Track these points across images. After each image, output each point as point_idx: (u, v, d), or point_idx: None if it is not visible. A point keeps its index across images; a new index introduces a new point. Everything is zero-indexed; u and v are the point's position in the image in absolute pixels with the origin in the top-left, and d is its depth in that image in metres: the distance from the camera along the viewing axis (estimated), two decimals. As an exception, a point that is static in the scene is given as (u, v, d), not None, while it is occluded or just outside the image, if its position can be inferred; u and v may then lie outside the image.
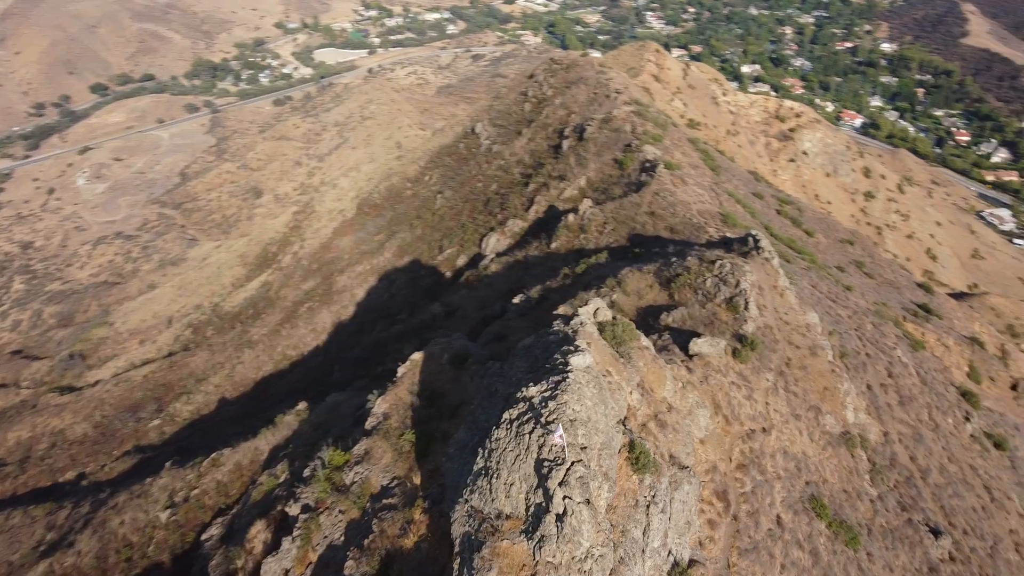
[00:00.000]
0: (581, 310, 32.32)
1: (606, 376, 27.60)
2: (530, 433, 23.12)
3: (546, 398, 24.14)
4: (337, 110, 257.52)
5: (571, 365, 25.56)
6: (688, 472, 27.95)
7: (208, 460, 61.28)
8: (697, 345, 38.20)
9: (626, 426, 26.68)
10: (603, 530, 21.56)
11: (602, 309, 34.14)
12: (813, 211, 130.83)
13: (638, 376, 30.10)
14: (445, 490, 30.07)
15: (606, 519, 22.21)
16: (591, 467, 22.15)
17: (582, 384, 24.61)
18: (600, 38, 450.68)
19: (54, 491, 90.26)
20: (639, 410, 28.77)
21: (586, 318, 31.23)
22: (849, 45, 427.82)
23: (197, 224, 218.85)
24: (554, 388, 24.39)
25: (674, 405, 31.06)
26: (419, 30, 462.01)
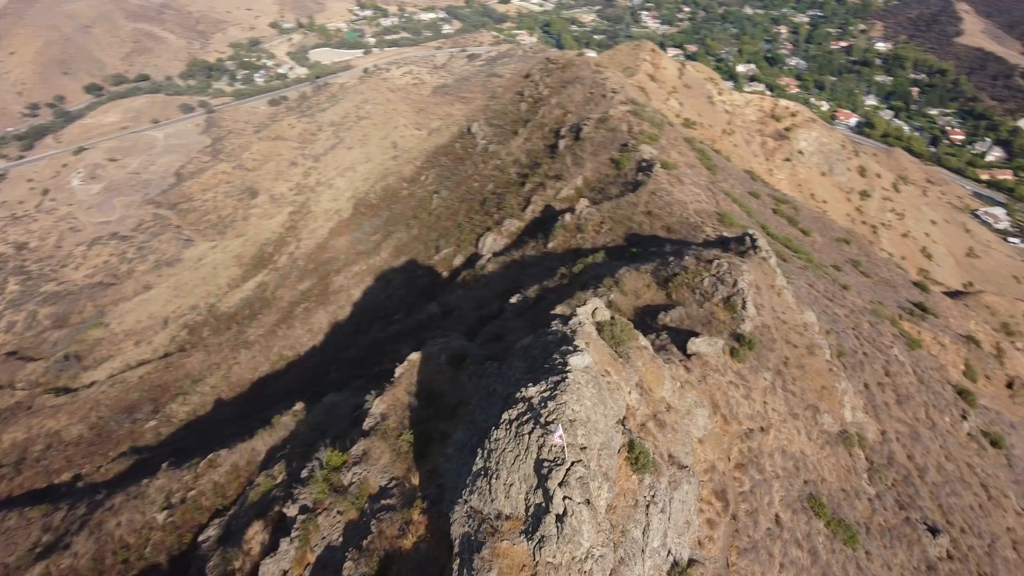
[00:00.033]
0: (579, 310, 32.30)
1: (605, 376, 27.59)
2: (529, 433, 23.08)
3: (545, 398, 24.10)
4: (333, 110, 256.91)
5: (570, 365, 25.53)
6: (687, 472, 27.95)
7: (205, 461, 61.08)
8: (695, 344, 38.23)
9: (625, 426, 26.67)
10: (603, 530, 21.55)
11: (600, 309, 34.13)
12: (809, 210, 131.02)
13: (637, 376, 30.10)
14: (444, 491, 30.04)
15: (606, 519, 22.20)
16: (591, 467, 22.13)
17: (581, 384, 24.58)
18: (595, 38, 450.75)
19: (50, 493, 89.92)
20: (638, 410, 28.76)
21: (584, 318, 31.22)
22: (844, 44, 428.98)
23: (192, 224, 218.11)
24: (553, 388, 24.36)
25: (673, 405, 31.06)
26: (414, 30, 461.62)
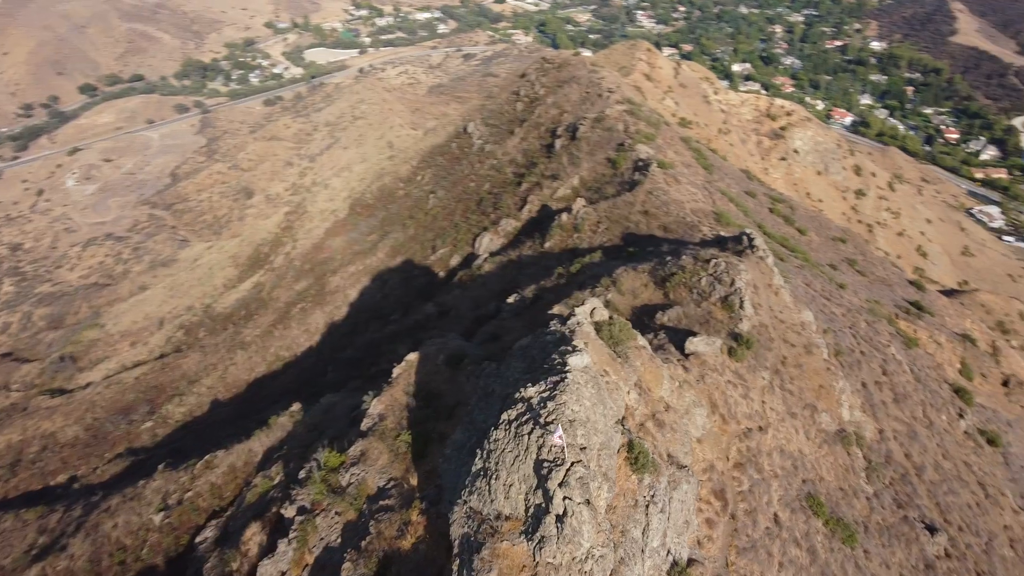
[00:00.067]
0: (578, 310, 32.26)
1: (604, 376, 27.57)
2: (529, 434, 23.03)
3: (545, 398, 24.06)
4: (328, 110, 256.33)
5: (569, 365, 25.50)
6: (686, 471, 27.94)
7: (201, 462, 60.88)
8: (693, 344, 38.23)
9: (624, 426, 26.63)
10: (603, 530, 21.52)
11: (599, 309, 34.12)
12: (805, 209, 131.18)
13: (635, 376, 30.07)
14: (442, 491, 29.98)
15: (606, 519, 22.17)
16: (591, 467, 22.10)
17: (580, 384, 24.55)
18: (591, 37, 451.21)
19: (45, 494, 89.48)
20: (637, 410, 28.73)
21: (583, 318, 31.19)
22: (839, 43, 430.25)
23: (188, 225, 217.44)
24: (552, 388, 24.31)
25: (671, 404, 31.04)
26: (410, 29, 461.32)
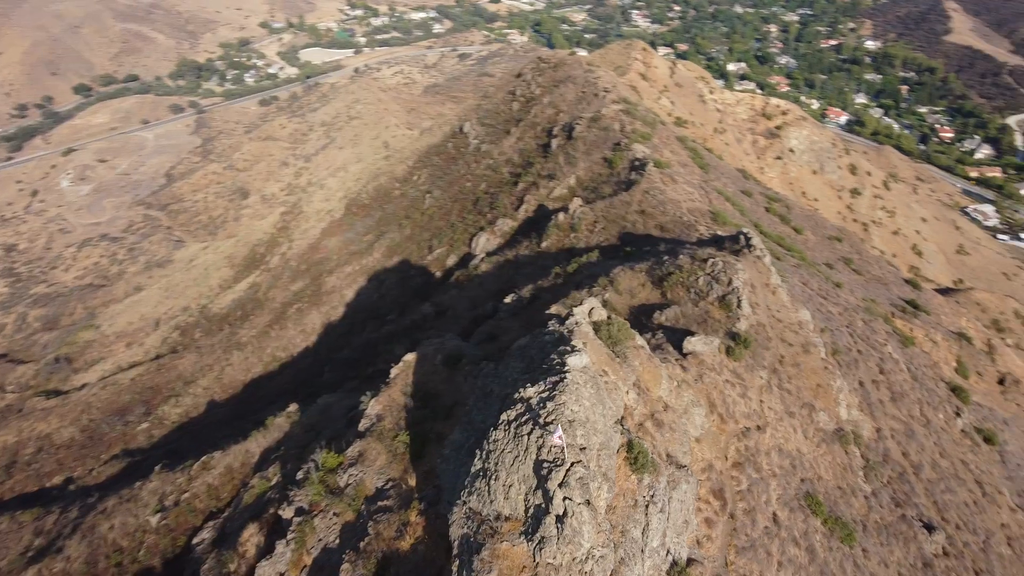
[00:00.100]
0: (576, 310, 32.20)
1: (603, 376, 27.53)
2: (529, 434, 22.97)
3: (544, 399, 24.00)
4: (323, 110, 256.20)
5: (568, 365, 25.44)
6: (685, 471, 27.92)
7: (198, 463, 60.72)
8: (691, 343, 38.22)
9: (623, 426, 26.59)
10: (603, 531, 21.48)
11: (597, 309, 34.07)
12: (801, 208, 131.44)
13: (634, 376, 30.03)
14: (441, 492, 29.91)
15: (606, 519, 22.13)
16: (591, 468, 22.05)
17: (580, 384, 24.50)
18: (586, 37, 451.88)
19: (41, 496, 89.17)
20: (636, 410, 28.69)
21: (581, 318, 31.14)
22: (833, 43, 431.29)
23: (183, 225, 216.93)
24: (552, 389, 24.26)
25: (670, 404, 31.02)
26: (405, 29, 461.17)
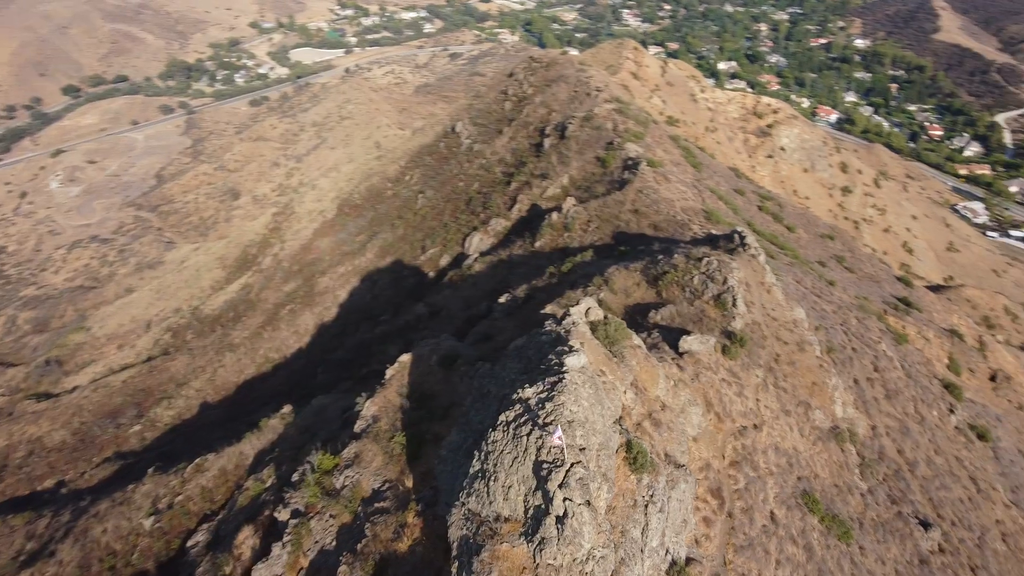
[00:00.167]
0: (573, 310, 32.12)
1: (601, 376, 27.46)
2: (528, 435, 22.86)
3: (542, 399, 23.91)
4: (314, 110, 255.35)
5: (566, 366, 25.36)
6: (684, 470, 27.89)
7: (192, 465, 60.44)
8: (687, 343, 38.20)
9: (622, 426, 26.53)
10: (603, 531, 21.41)
11: (593, 308, 34.00)
12: (793, 206, 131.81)
13: (631, 375, 29.99)
14: (439, 493, 29.79)
15: (606, 520, 22.07)
16: (590, 468, 21.98)
17: (578, 384, 24.42)
18: (577, 36, 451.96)
19: (33, 500, 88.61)
20: (634, 409, 28.64)
21: (578, 318, 31.07)
22: (823, 41, 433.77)
23: (174, 227, 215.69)
24: (550, 389, 24.17)
25: (667, 404, 30.99)
26: (396, 29, 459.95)
